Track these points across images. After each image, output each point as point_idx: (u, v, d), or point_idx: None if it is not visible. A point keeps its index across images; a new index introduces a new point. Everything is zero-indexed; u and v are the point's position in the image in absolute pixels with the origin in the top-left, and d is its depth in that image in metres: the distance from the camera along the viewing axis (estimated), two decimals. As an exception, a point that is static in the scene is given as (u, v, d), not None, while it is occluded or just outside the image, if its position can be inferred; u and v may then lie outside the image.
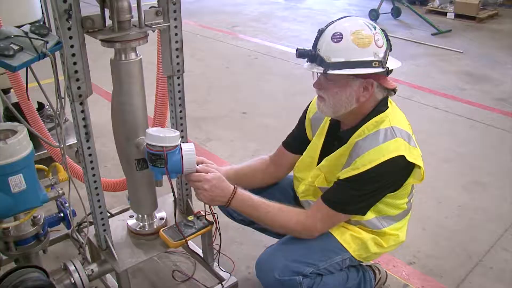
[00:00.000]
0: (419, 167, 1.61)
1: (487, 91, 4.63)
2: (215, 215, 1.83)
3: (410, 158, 1.57)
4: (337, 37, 1.53)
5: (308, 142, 1.90)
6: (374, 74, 1.56)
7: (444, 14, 7.49)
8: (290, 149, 1.97)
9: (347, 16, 1.62)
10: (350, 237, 1.76)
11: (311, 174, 1.81)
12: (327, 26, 1.58)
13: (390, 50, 1.59)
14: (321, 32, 1.58)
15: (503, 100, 4.42)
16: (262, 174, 2.01)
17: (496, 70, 5.23)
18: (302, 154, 1.91)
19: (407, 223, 1.85)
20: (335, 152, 1.70)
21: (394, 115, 1.66)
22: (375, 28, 1.56)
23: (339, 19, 1.60)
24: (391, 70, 1.59)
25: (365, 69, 1.52)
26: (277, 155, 2.02)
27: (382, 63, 1.53)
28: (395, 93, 1.66)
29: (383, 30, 1.59)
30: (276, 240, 2.12)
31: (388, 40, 1.59)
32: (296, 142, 1.96)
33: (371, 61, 1.52)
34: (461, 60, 5.56)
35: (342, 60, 1.52)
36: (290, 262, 1.67)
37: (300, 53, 1.58)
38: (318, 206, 1.70)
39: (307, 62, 1.61)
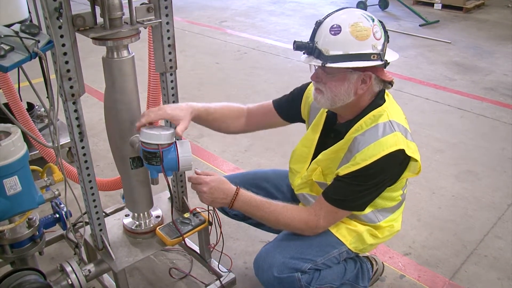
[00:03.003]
0: (416, 160, 1.61)
1: (477, 81, 4.66)
2: (211, 211, 1.82)
3: (408, 152, 1.57)
4: (335, 30, 1.50)
5: (299, 116, 1.90)
6: (372, 67, 1.54)
7: (431, 5, 7.52)
8: (279, 111, 1.92)
9: (345, 8, 1.59)
10: (346, 230, 1.76)
11: (306, 167, 1.81)
12: (324, 18, 1.55)
13: (388, 41, 1.57)
14: (318, 24, 1.55)
15: (492, 89, 4.46)
16: (230, 123, 1.92)
17: (485, 59, 5.27)
18: (286, 121, 1.93)
19: (401, 213, 1.86)
20: (332, 147, 1.69)
21: (391, 109, 1.65)
22: (373, 20, 1.53)
23: (336, 10, 1.57)
24: (389, 63, 1.56)
25: (363, 62, 1.50)
26: (259, 109, 1.96)
27: (380, 55, 1.52)
28: (392, 85, 1.64)
29: (381, 22, 1.57)
30: (272, 234, 2.13)
31: (385, 32, 1.57)
32: (288, 108, 1.91)
33: (370, 54, 1.50)
34: (450, 50, 5.59)
35: (341, 53, 1.50)
36: (288, 259, 1.67)
37: (298, 46, 1.54)
38: (320, 204, 1.69)
39: (304, 54, 1.58)
